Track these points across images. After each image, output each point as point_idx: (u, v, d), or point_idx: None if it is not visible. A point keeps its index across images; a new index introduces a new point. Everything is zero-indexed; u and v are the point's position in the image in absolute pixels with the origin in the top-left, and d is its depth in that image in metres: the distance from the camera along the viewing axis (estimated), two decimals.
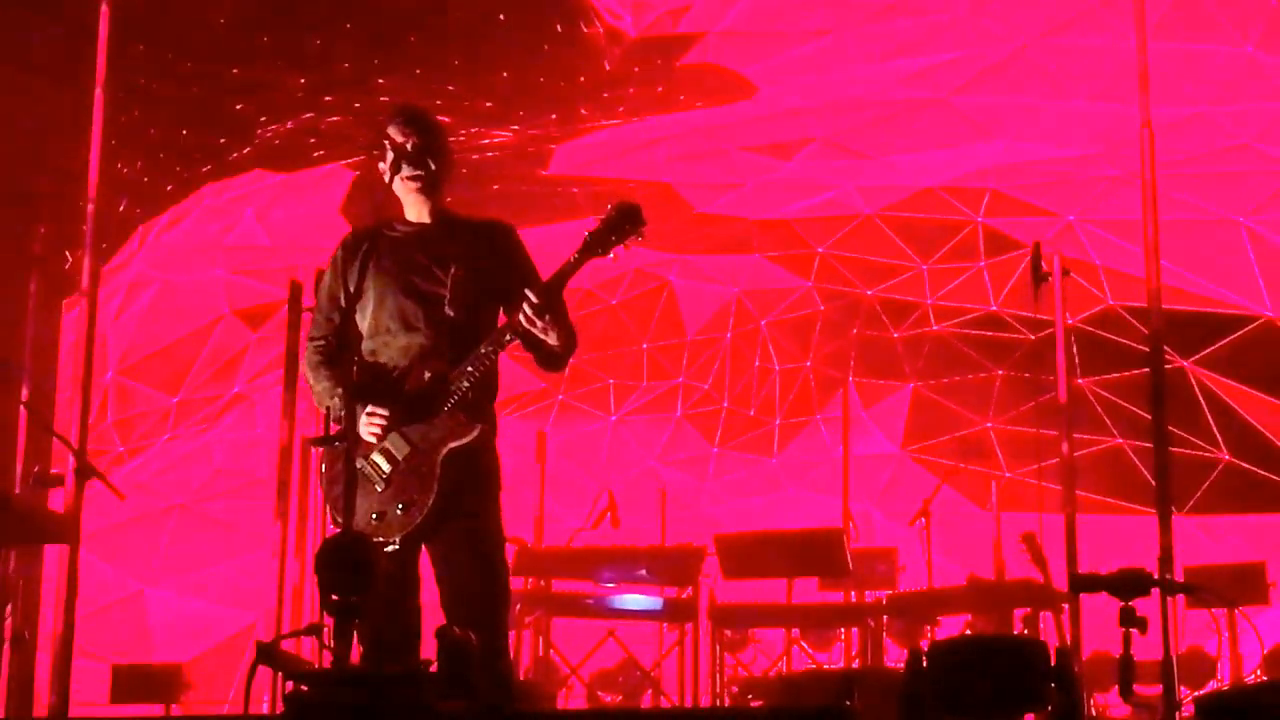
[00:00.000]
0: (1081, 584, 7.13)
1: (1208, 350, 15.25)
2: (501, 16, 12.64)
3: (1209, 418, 15.49)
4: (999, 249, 16.01)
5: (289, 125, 13.53)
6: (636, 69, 13.24)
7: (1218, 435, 15.59)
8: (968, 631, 11.34)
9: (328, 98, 13.24)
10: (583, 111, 13.75)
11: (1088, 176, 15.04)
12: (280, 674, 7.84)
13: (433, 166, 6.94)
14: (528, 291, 6.64)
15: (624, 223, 6.70)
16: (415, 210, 7.02)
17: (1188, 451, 15.18)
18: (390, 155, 6.85)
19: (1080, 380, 15.77)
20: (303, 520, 10.27)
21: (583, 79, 13.16)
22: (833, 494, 16.76)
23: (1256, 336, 15.38)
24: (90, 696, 12.41)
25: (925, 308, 16.65)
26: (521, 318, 6.63)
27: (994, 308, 16.34)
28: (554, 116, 13.79)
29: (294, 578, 10.03)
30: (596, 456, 17.43)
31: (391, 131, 6.92)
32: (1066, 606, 9.71)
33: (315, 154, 14.18)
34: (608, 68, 13.06)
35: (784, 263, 16.74)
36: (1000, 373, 16.47)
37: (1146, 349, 15.04)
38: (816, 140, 14.70)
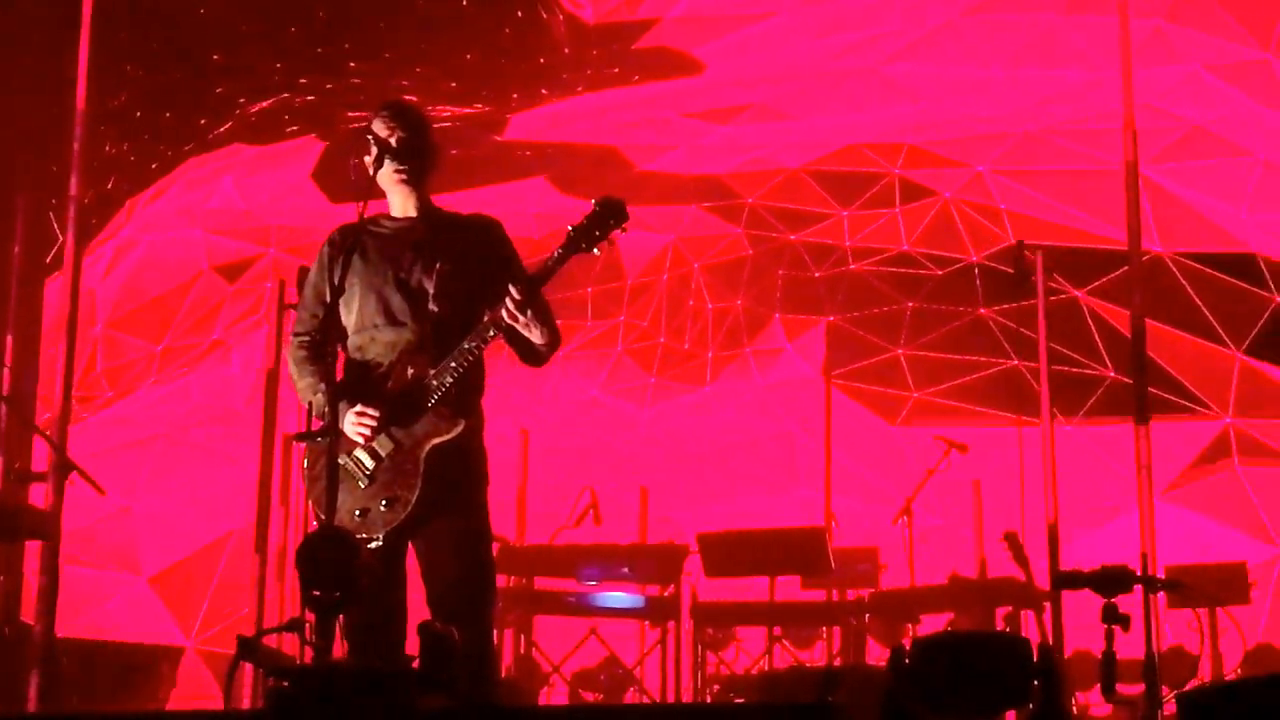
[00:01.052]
0: (1064, 581, 6.73)
1: (1099, 281, 15.11)
2: (464, 2, 12.16)
3: (1098, 340, 15.46)
4: (913, 197, 15.80)
5: (265, 105, 13.01)
6: (595, 53, 12.83)
7: (1105, 355, 15.50)
8: (949, 629, 10.83)
9: (303, 80, 12.77)
10: (543, 91, 13.36)
11: (996, 133, 14.86)
12: (261, 669, 7.36)
13: (419, 160, 6.45)
14: (510, 286, 6.13)
15: (608, 218, 6.32)
16: (401, 204, 6.55)
17: (1078, 370, 15.17)
18: (375, 149, 6.33)
19: (983, 310, 15.82)
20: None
21: (543, 61, 12.70)
22: (759, 416, 16.70)
23: (1143, 269, 15.18)
24: (73, 689, 11.85)
25: (844, 249, 16.41)
26: (504, 313, 6.13)
27: (906, 248, 16.12)
28: (515, 96, 13.34)
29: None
30: (545, 387, 17.07)
31: (376, 126, 6.44)
32: (1048, 605, 9.27)
33: (289, 129, 13.69)
34: (567, 52, 12.60)
35: (717, 212, 16.48)
36: (910, 305, 16.26)
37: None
38: (752, 106, 14.39)
